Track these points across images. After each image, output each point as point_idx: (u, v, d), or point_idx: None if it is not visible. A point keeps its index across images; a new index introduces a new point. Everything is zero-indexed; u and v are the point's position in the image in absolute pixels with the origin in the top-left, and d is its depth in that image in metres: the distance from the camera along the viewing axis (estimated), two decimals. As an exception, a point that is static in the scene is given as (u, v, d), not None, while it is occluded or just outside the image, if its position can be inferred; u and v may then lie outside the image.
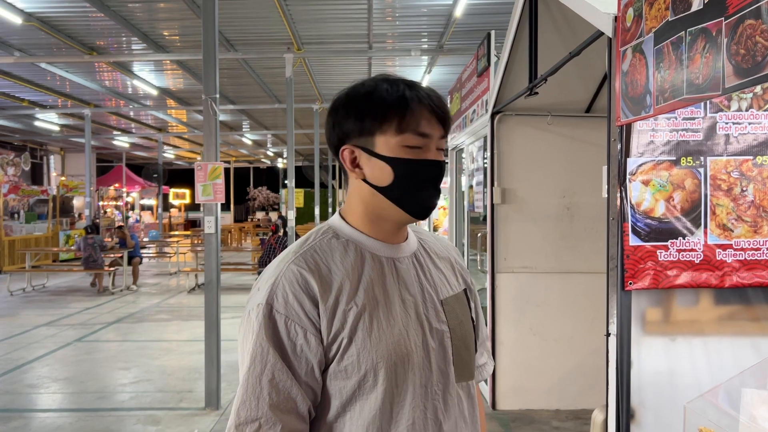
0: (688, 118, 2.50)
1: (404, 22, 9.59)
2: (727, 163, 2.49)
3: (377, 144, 1.16)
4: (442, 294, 1.24)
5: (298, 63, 10.84)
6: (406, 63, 11.97)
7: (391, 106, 1.14)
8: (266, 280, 1.15)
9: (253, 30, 9.64)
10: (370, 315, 1.12)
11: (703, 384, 2.52)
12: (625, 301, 2.51)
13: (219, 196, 5.13)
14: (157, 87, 13.86)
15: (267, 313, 1.10)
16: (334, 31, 9.84)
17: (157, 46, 10.38)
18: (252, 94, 14.79)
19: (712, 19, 1.82)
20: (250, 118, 19.23)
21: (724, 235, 2.47)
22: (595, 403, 4.94)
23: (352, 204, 1.23)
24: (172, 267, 14.80)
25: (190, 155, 30.22)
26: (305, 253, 1.16)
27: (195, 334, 7.83)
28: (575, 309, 4.92)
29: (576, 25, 4.06)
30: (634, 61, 2.35)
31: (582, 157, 4.98)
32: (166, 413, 5.02)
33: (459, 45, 10.24)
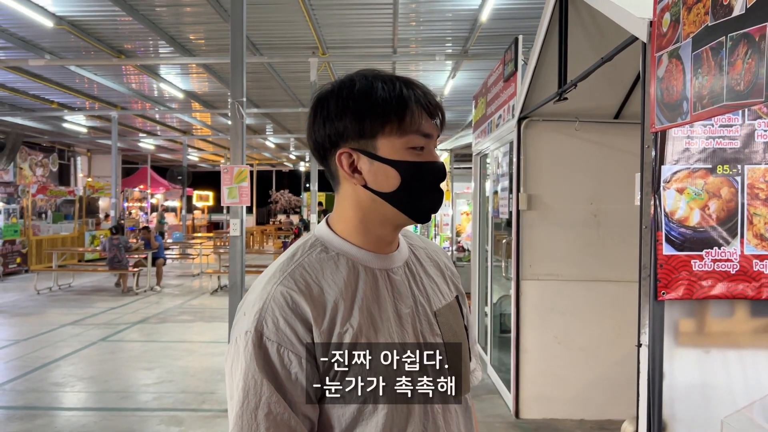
0: (725, 126, 2.45)
1: (429, 26, 9.57)
2: (766, 171, 2.43)
3: (380, 147, 1.08)
4: (435, 305, 1.17)
5: (323, 67, 10.88)
6: (429, 68, 11.95)
7: (392, 106, 1.07)
8: (253, 303, 1.05)
9: (279, 34, 9.70)
10: (367, 336, 1.04)
11: (737, 398, 2.46)
12: (657, 311, 2.46)
13: (245, 199, 5.15)
14: (183, 90, 14.01)
15: (257, 342, 1.00)
16: (359, 36, 9.85)
17: (184, 49, 10.49)
18: (276, 98, 14.87)
19: (755, 24, 1.77)
20: (273, 122, 19.35)
21: (761, 246, 2.41)
22: (621, 413, 4.86)
23: (343, 212, 1.14)
24: (195, 269, 14.92)
25: (214, 158, 30.49)
26: (293, 271, 1.07)
27: (217, 336, 7.87)
28: (601, 318, 4.85)
29: (606, 30, 4.01)
30: (670, 67, 2.30)
31: (610, 164, 4.92)
32: (189, 414, 5.04)
33: (484, 50, 10.19)
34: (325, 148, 1.12)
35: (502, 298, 6.24)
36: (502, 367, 5.63)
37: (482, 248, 6.69)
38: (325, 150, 1.12)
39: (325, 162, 1.14)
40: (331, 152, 1.11)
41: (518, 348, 4.87)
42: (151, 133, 21.99)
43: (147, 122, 19.69)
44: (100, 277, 13.78)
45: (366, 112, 1.07)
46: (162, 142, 23.84)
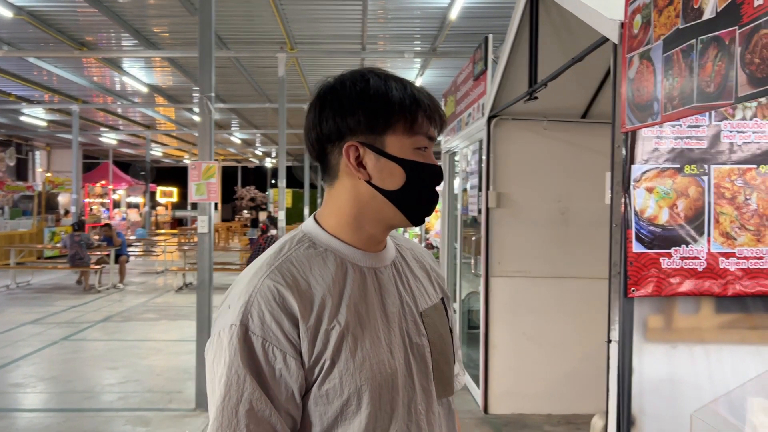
0: (693, 126, 2.50)
1: (398, 24, 9.58)
2: (731, 171, 2.49)
3: (388, 144, 1.08)
4: (420, 305, 1.16)
5: (291, 63, 10.80)
6: (398, 65, 11.96)
7: (406, 106, 1.08)
8: (238, 296, 1.03)
9: (247, 29, 9.59)
10: (354, 334, 1.03)
11: (703, 392, 2.52)
12: (627, 308, 2.50)
13: (213, 196, 5.08)
14: (147, 84, 13.75)
15: (242, 336, 0.98)
16: (328, 32, 9.81)
17: (149, 42, 10.29)
18: (243, 93, 14.72)
19: (725, 28, 1.82)
20: (239, 117, 19.15)
21: (727, 244, 2.48)
22: (587, 408, 4.95)
23: (336, 207, 1.12)
24: (159, 266, 14.67)
25: (178, 153, 30.03)
26: (281, 265, 1.05)
27: (183, 334, 7.76)
28: (569, 314, 4.93)
29: (576, 30, 4.07)
30: (641, 68, 2.34)
31: (577, 163, 5.00)
32: (156, 414, 4.96)
33: (453, 48, 10.25)
34: (329, 141, 1.09)
35: (470, 294, 6.29)
36: (470, 363, 5.68)
37: (451, 245, 6.73)
38: (330, 142, 1.10)
39: (324, 155, 1.11)
40: (336, 145, 1.09)
41: (487, 344, 4.92)
42: (113, 127, 21.55)
43: (109, 116, 19.29)
44: (61, 275, 13.45)
45: (381, 108, 1.07)
46: (124, 136, 23.39)
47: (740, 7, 1.74)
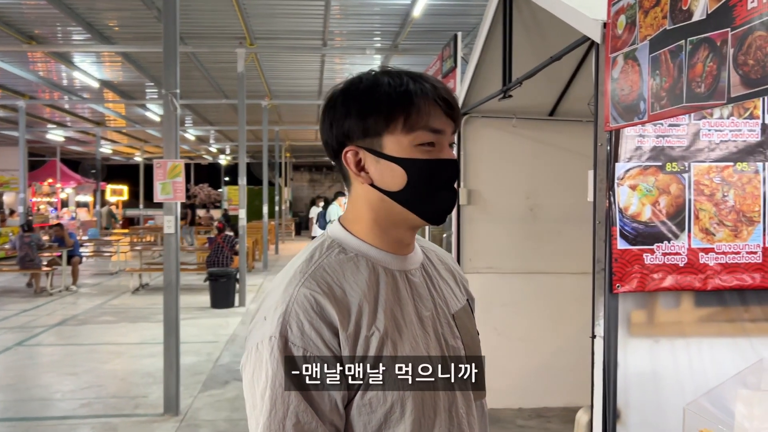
0: (674, 125, 2.56)
1: (358, 20, 9.53)
2: (710, 168, 2.56)
3: (386, 144, 1.05)
4: (452, 307, 1.15)
5: (250, 58, 10.63)
6: (359, 61, 11.91)
7: (396, 101, 1.04)
8: (273, 307, 1.00)
9: (205, 23, 9.38)
10: (393, 340, 1.01)
11: (684, 384, 2.59)
12: (612, 303, 2.54)
13: (179, 195, 4.96)
14: (98, 79, 13.33)
15: (282, 347, 0.96)
16: (289, 27, 9.68)
17: (102, 36, 9.96)
18: (198, 89, 14.40)
19: (716, 30, 1.85)
20: (193, 113, 18.76)
21: (706, 239, 2.55)
22: (558, 401, 5.04)
23: (357, 212, 1.11)
24: (112, 266, 14.27)
25: (129, 150, 29.27)
26: (314, 273, 1.02)
27: (145, 337, 7.58)
28: (538, 309, 5.00)
29: (547, 30, 4.12)
30: (626, 68, 2.38)
31: (546, 160, 5.07)
32: (122, 420, 4.82)
33: (415, 45, 10.25)
34: (333, 149, 1.09)
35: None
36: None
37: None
38: (334, 150, 1.09)
39: (337, 162, 1.11)
40: (339, 152, 1.08)
41: (459, 340, 4.94)
42: (60, 124, 20.82)
43: (56, 112, 18.63)
44: (9, 277, 12.94)
45: (370, 109, 1.04)
46: (73, 133, 22.63)
47: (733, 9, 1.78)
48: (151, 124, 19.87)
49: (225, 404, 5.20)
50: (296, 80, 13.70)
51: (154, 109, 16.88)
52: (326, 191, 35.63)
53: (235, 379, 5.90)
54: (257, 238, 15.95)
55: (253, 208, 23.28)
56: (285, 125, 21.18)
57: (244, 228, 10.27)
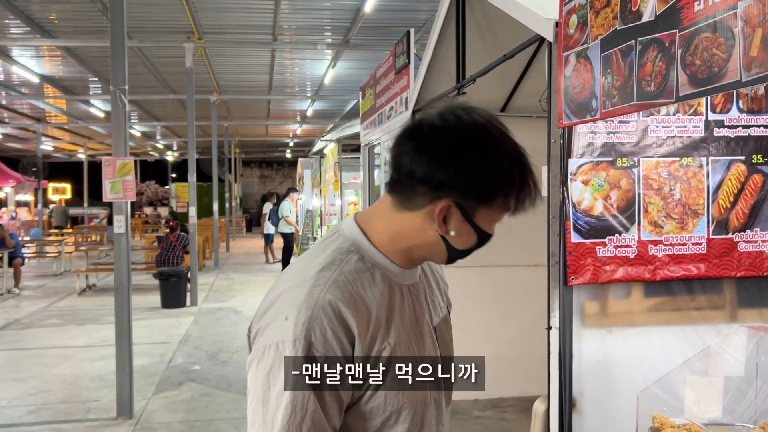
0: (623, 122, 2.64)
1: (308, 14, 9.46)
2: (658, 164, 2.66)
3: (479, 213, 1.06)
4: (434, 320, 1.20)
5: (198, 53, 10.43)
6: (309, 56, 11.84)
7: (512, 187, 1.05)
8: (297, 309, 1.01)
9: (152, 17, 9.16)
10: (399, 355, 1.07)
11: (635, 371, 2.68)
12: (567, 295, 2.62)
13: (129, 194, 4.85)
14: (38, 74, 12.85)
15: (306, 351, 0.99)
16: (238, 21, 9.54)
17: (42, 30, 9.61)
18: (144, 84, 14.04)
19: (665, 31, 1.93)
20: (139, 109, 18.30)
21: (655, 232, 2.64)
22: (512, 391, 5.15)
23: (395, 231, 1.10)
24: (56, 268, 13.82)
25: (71, 147, 28.34)
26: (337, 280, 1.04)
27: (93, 339, 7.38)
28: (493, 301, 5.09)
29: (499, 28, 4.19)
30: (578, 66, 2.44)
31: (498, 155, 5.14)
32: (73, 426, 4.70)
33: (366, 40, 10.25)
34: (422, 183, 1.04)
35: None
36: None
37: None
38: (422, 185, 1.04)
39: (410, 188, 1.06)
40: (428, 192, 1.04)
41: (416, 335, 4.99)
42: (-3, 120, 20.01)
43: (-8, 108, 17.89)
44: (-55, 281, 12.38)
45: (487, 180, 1.03)
46: (11, 130, 21.76)
47: (680, 11, 1.85)
48: (95, 121, 19.29)
49: (180, 405, 5.12)
50: (246, 75, 13.52)
51: (98, 104, 16.39)
52: (277, 187, 35.31)
53: (189, 380, 5.82)
54: (208, 235, 15.70)
55: (202, 205, 22.89)
56: (234, 121, 20.88)
57: (195, 226, 10.09)
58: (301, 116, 20.00)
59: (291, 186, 15.57)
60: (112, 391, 4.98)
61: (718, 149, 2.69)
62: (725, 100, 2.72)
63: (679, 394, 2.15)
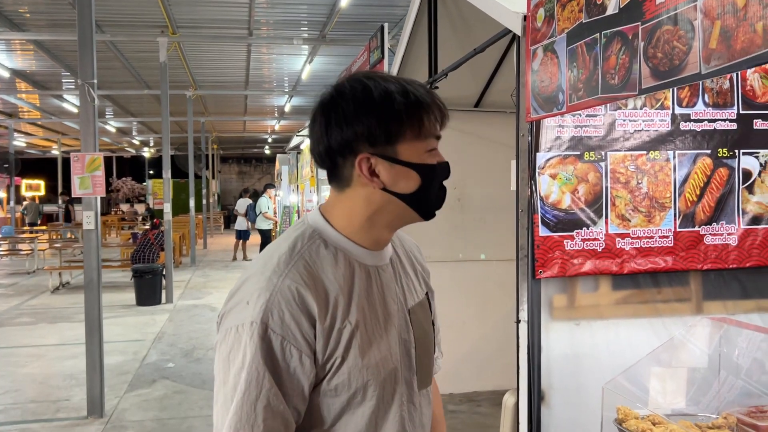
0: (591, 115, 2.65)
1: (285, 9, 9.39)
2: (625, 157, 2.67)
3: (400, 151, 1.10)
4: (409, 302, 1.22)
5: (172, 47, 10.30)
6: (286, 51, 11.76)
7: (414, 111, 1.10)
8: (257, 293, 1.05)
9: (125, 11, 9.02)
10: (362, 333, 1.09)
11: (603, 364, 2.70)
12: (535, 288, 2.62)
13: (99, 190, 4.78)
14: (9, 68, 12.61)
15: (262, 333, 1.02)
16: (213, 15, 9.43)
17: (11, 23, 9.42)
18: (119, 79, 13.85)
19: (628, 23, 1.93)
20: (114, 104, 18.05)
21: (622, 225, 2.66)
22: (485, 385, 5.17)
23: (348, 210, 1.15)
24: (29, 265, 13.59)
25: (45, 143, 27.89)
26: (297, 264, 1.08)
27: (66, 338, 7.27)
28: (467, 296, 5.11)
29: (471, 22, 4.19)
30: (545, 60, 2.45)
31: (471, 150, 5.16)
32: (43, 425, 4.62)
33: (343, 35, 10.20)
34: (340, 154, 1.11)
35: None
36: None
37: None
38: (341, 155, 1.12)
39: (335, 167, 1.14)
40: (348, 158, 1.11)
41: (391, 330, 4.99)
42: (-32, 116, 19.61)
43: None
44: None
45: (390, 116, 1.09)
46: (-18, 126, 21.36)
47: (642, 4, 1.86)
48: (69, 116, 18.99)
49: (153, 403, 5.06)
50: (222, 70, 13.39)
51: (72, 100, 16.14)
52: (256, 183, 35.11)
53: (163, 378, 5.76)
54: (184, 232, 15.55)
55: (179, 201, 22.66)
56: (211, 116, 20.68)
57: (170, 222, 9.98)
58: (279, 112, 19.88)
59: (269, 182, 15.44)
60: (83, 390, 4.91)
61: (685, 143, 2.71)
62: (691, 94, 2.74)
63: (644, 386, 2.17)
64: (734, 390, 2.18)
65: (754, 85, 2.78)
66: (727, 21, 1.54)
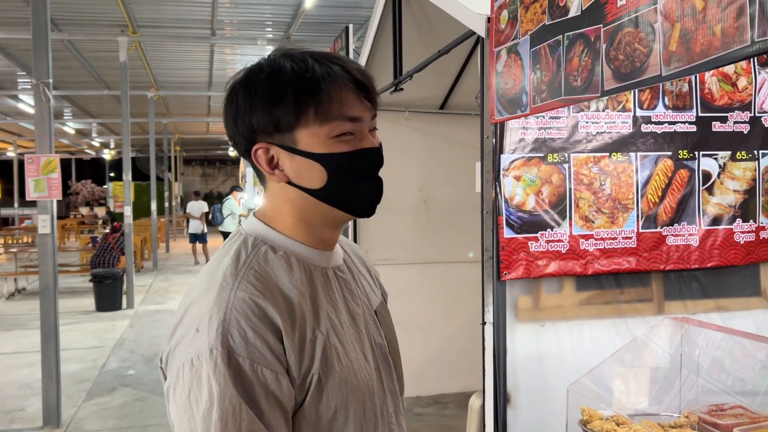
0: (554, 117, 2.66)
1: (249, 9, 9.29)
2: (588, 159, 2.69)
3: (299, 139, 0.95)
4: (373, 304, 1.11)
5: (133, 47, 10.10)
6: (250, 52, 11.62)
7: (303, 89, 0.93)
8: (207, 316, 0.89)
9: (83, 9, 8.80)
10: (334, 343, 0.96)
11: (567, 364, 2.71)
12: (500, 290, 2.62)
13: (55, 192, 4.64)
14: (-39, 67, 12.22)
15: (226, 360, 0.86)
16: (175, 15, 9.27)
17: (-37, 20, 9.12)
18: (77, 79, 13.52)
19: (590, 25, 1.94)
20: (73, 105, 17.63)
21: (586, 226, 2.67)
22: (453, 387, 5.17)
23: (277, 209, 1.02)
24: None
25: (0, 145, 27.09)
26: (247, 275, 0.93)
27: (21, 345, 7.05)
28: (433, 297, 5.11)
29: (436, 24, 4.18)
30: (509, 62, 2.45)
31: (436, 152, 5.17)
32: (-4, 437, 4.46)
33: (308, 36, 10.14)
34: (244, 144, 0.99)
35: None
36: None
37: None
38: (242, 146, 1.00)
39: (248, 159, 1.01)
40: (249, 149, 0.99)
41: (357, 333, 4.96)
42: None
43: None
44: None
45: (276, 100, 0.94)
46: (-67, 126, 20.65)
47: (604, 6, 1.86)
48: (25, 117, 18.47)
49: (112, 412, 4.93)
50: (184, 71, 13.18)
51: (28, 100, 15.69)
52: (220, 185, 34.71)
53: (123, 385, 5.62)
54: (146, 236, 15.25)
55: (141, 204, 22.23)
56: (173, 117, 20.35)
57: (131, 226, 9.77)
58: (244, 113, 19.63)
59: (235, 185, 15.24)
60: (39, 399, 4.76)
61: (646, 145, 2.74)
62: (652, 97, 2.77)
63: (608, 386, 2.18)
64: (695, 389, 2.21)
65: (712, 88, 2.83)
66: (687, 23, 1.55)
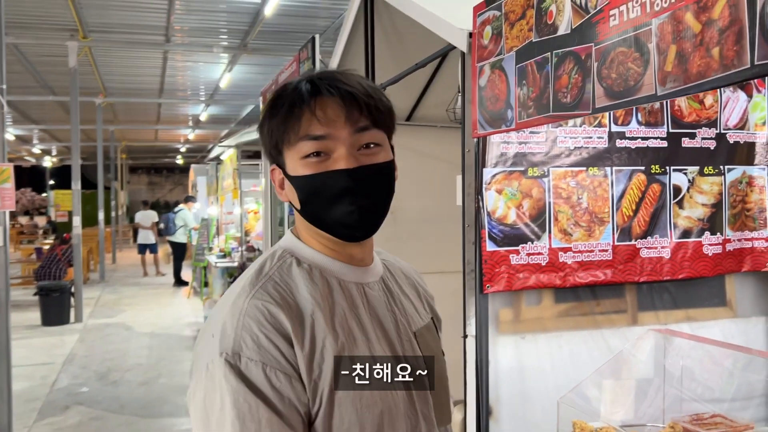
0: (534, 132, 2.70)
1: (204, 16, 9.15)
2: (566, 173, 2.74)
3: (286, 161, 1.02)
4: (414, 325, 1.09)
5: (83, 52, 9.80)
6: (203, 59, 11.45)
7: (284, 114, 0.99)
8: (221, 322, 0.92)
9: (30, 12, 8.49)
10: (349, 356, 0.95)
11: (547, 376, 2.74)
12: (483, 303, 2.63)
13: (8, 203, 4.43)
14: None
15: (237, 365, 0.88)
16: (128, 20, 9.06)
17: None
18: (20, 84, 13.02)
19: (580, 44, 1.97)
20: (14, 111, 16.96)
21: (565, 239, 2.72)
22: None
23: (302, 223, 1.08)
24: None
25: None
26: (265, 285, 0.96)
27: (-37, 363, 6.68)
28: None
29: (406, 37, 4.20)
30: (492, 77, 2.47)
31: (403, 163, 5.03)
32: (-59, 462, 4.21)
33: (266, 45, 10.04)
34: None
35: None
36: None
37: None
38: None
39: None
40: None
41: (323, 346, 4.90)
42: None
43: None
44: None
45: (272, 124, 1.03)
46: None
47: (596, 26, 1.90)
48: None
49: (67, 432, 4.73)
50: (135, 77, 12.88)
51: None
52: (167, 194, 33.95)
53: (76, 404, 5.40)
54: (92, 246, 14.76)
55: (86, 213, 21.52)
56: (121, 125, 19.83)
57: (80, 236, 9.45)
58: (194, 121, 19.33)
59: (188, 194, 14.90)
60: (-13, 420, 4.51)
61: (621, 159, 2.81)
62: (626, 113, 2.85)
63: (596, 399, 2.21)
64: (676, 399, 2.27)
65: (681, 105, 2.93)
66: (683, 45, 1.60)
